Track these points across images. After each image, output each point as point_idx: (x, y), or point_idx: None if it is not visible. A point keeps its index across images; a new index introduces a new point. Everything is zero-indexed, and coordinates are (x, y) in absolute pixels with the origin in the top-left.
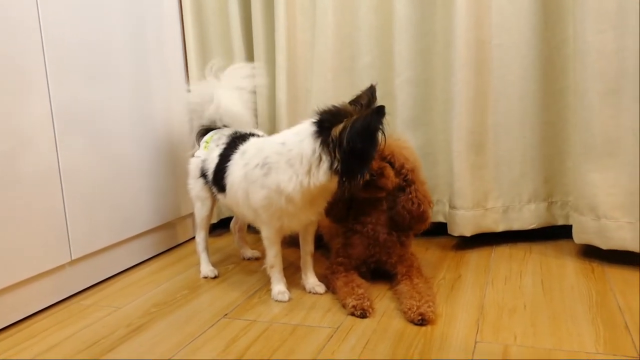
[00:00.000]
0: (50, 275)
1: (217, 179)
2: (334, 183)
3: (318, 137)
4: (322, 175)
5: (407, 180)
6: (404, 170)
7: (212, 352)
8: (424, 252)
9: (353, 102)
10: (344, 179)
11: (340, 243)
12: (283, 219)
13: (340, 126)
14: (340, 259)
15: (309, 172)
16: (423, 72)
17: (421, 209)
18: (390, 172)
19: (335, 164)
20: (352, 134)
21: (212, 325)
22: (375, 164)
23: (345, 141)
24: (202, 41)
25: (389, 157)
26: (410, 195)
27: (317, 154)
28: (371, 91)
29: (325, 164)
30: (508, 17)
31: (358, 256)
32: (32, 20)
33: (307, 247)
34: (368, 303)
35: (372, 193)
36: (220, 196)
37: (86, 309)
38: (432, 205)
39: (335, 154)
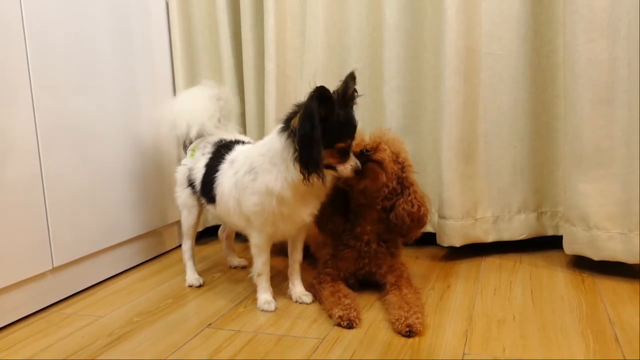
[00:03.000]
0: (31, 283)
1: (206, 190)
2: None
3: (284, 131)
4: (295, 169)
5: (404, 179)
6: (400, 159)
7: None
8: (413, 262)
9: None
10: (306, 170)
11: (329, 254)
12: (277, 224)
13: (297, 116)
14: (329, 270)
15: (287, 167)
16: (412, 80)
17: (421, 212)
18: (386, 147)
19: (296, 154)
20: (299, 120)
21: (196, 335)
22: (371, 142)
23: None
24: (189, 49)
25: (383, 142)
26: (409, 197)
27: (286, 148)
28: (348, 78)
29: (293, 157)
30: (498, 25)
31: (347, 268)
32: (17, 28)
33: (296, 255)
34: (355, 313)
35: (367, 182)
36: (209, 207)
37: (67, 318)
38: (430, 207)
39: (294, 144)
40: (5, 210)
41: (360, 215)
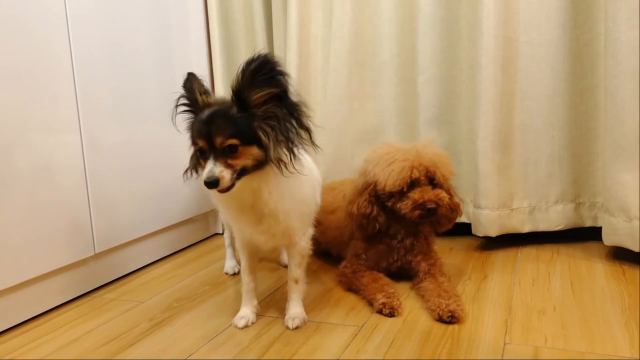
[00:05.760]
0: (74, 269)
1: None
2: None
3: None
4: None
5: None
6: (446, 186)
7: (235, 348)
8: (447, 253)
9: None
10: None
11: (361, 248)
12: (244, 230)
13: None
14: (362, 261)
15: None
16: (447, 69)
17: (453, 216)
18: (446, 199)
19: None
20: None
21: None
22: (432, 194)
23: None
24: (226, 41)
25: (438, 180)
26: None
27: None
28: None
29: None
30: (537, 13)
31: (379, 262)
32: (60, 21)
33: (290, 272)
34: (398, 302)
35: (427, 220)
36: None
37: (109, 302)
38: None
39: None
40: (49, 197)
41: (397, 217)
